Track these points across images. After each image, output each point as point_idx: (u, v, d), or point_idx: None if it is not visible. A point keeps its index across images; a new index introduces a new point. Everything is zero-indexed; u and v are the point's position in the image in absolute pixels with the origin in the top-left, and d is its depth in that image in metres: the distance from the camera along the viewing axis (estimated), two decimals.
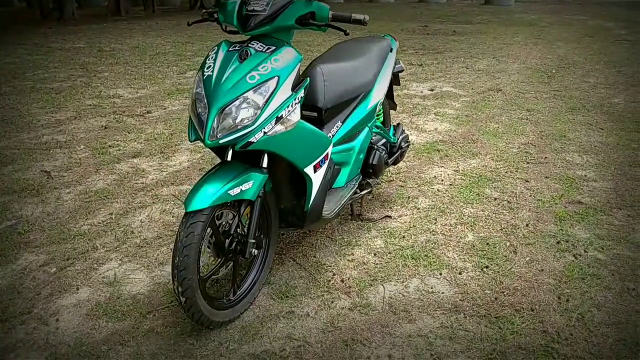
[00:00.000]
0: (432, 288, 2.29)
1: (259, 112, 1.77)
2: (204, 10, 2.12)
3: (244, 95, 1.75)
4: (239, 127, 1.76)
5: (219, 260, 2.00)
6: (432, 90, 5.76)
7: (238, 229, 1.98)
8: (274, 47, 1.86)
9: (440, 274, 2.39)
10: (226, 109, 1.75)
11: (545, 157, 3.77)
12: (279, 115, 1.82)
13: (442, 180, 3.39)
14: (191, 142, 1.90)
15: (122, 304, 2.18)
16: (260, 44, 1.87)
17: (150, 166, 3.62)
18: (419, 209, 3.01)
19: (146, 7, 15.67)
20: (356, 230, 2.77)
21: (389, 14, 14.22)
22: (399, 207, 3.03)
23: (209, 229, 1.86)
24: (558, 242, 2.64)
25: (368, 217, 2.90)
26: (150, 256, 2.53)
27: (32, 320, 2.08)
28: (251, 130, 1.76)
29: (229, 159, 1.90)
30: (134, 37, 9.21)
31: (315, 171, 2.06)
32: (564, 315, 2.10)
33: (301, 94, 1.91)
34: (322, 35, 9.32)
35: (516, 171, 3.53)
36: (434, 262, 2.48)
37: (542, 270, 2.41)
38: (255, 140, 1.78)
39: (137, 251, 2.57)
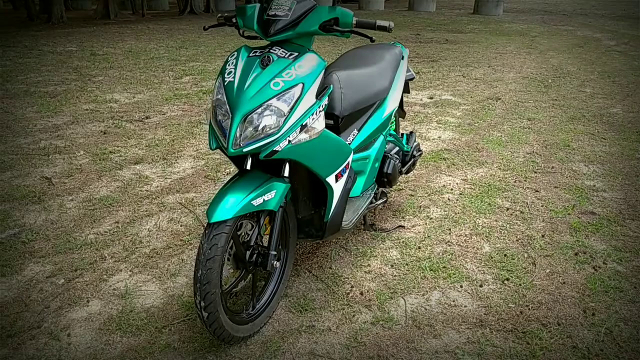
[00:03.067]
0: (454, 301, 2.24)
1: (283, 119, 1.71)
2: (220, 15, 2.05)
3: (268, 102, 1.69)
4: (263, 135, 1.69)
5: (240, 272, 1.93)
6: (431, 98, 5.75)
7: (258, 240, 1.92)
8: (296, 53, 1.80)
9: (461, 286, 2.35)
10: (250, 116, 1.69)
11: (552, 167, 3.76)
12: (304, 124, 1.76)
13: (452, 190, 3.36)
14: (212, 150, 1.83)
15: (135, 317, 2.09)
16: (282, 49, 1.81)
17: (154, 173, 3.52)
18: (431, 218, 2.96)
19: (135, 11, 15.51)
20: (370, 241, 2.72)
21: None
22: (411, 216, 2.99)
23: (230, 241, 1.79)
24: (576, 254, 2.61)
25: (381, 227, 2.85)
26: (161, 267, 2.44)
27: (42, 335, 1.98)
28: (276, 139, 1.70)
29: (248, 167, 1.83)
30: (126, 41, 9.08)
31: (336, 181, 2.01)
32: (592, 330, 2.06)
33: (325, 101, 1.86)
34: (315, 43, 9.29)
35: (525, 181, 3.52)
36: (453, 274, 2.43)
37: (564, 282, 2.37)
38: (280, 149, 1.72)
39: (147, 262, 2.48)
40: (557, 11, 19.36)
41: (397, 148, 2.75)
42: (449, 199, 3.23)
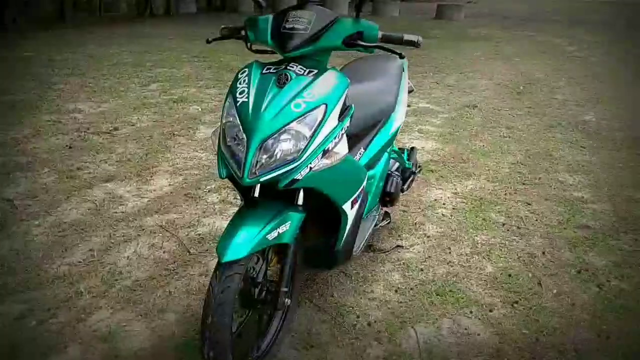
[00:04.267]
0: (466, 329, 2.12)
1: (305, 145, 1.54)
2: (224, 26, 1.86)
3: (289, 126, 1.52)
4: (282, 162, 1.52)
5: (247, 312, 1.75)
6: (409, 105, 5.66)
7: (267, 276, 1.75)
8: (315, 70, 1.64)
9: (471, 312, 2.23)
10: (268, 141, 1.51)
11: (539, 178, 3.72)
12: (326, 149, 1.60)
13: (444, 204, 3.26)
14: (222, 178, 1.64)
15: None
16: (300, 66, 1.64)
17: (128, 192, 3.27)
18: (429, 237, 2.85)
19: (91, 13, 14.87)
20: (369, 263, 2.58)
21: None
22: (407, 234, 2.86)
23: None
24: (579, 272, 2.55)
25: (379, 247, 2.71)
26: (145, 301, 2.22)
27: None
28: (296, 166, 1.53)
29: (256, 195, 1.64)
30: (86, 45, 8.63)
31: (352, 207, 1.86)
32: (608, 356, 1.99)
33: (347, 123, 1.71)
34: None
35: (515, 193, 3.46)
36: (461, 298, 2.32)
37: (574, 304, 2.30)
38: (301, 178, 1.55)
39: (129, 296, 2.25)
40: (514, 16, 19.86)
41: (397, 164, 2.62)
42: (443, 214, 3.12)
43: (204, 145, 4.16)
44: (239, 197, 3.18)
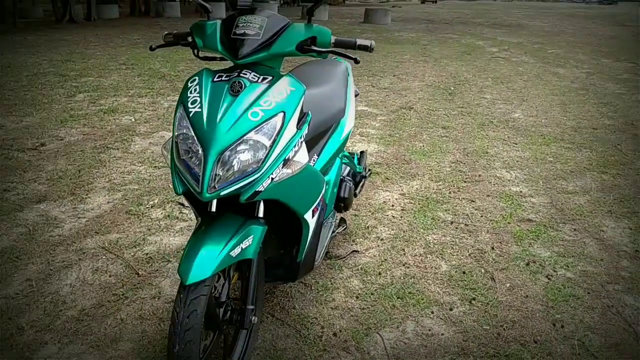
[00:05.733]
0: (430, 330, 2.15)
1: (265, 155, 1.48)
2: (168, 32, 1.76)
3: (247, 135, 1.46)
4: (242, 175, 1.45)
5: (213, 334, 1.66)
6: None
7: (229, 294, 1.67)
8: (270, 77, 1.58)
9: (432, 312, 2.26)
10: (225, 153, 1.44)
11: (479, 175, 3.86)
12: (286, 157, 1.55)
13: (393, 206, 3.30)
14: (178, 195, 1.54)
15: None
16: (253, 73, 1.58)
17: (63, 212, 3.04)
18: (382, 239, 2.87)
19: (5, 20, 13.88)
20: (327, 271, 2.55)
21: None
22: (361, 239, 2.87)
23: None
24: (527, 264, 2.66)
25: (335, 254, 2.69)
26: (96, 332, 2.06)
27: None
28: (257, 178, 1.47)
29: (213, 209, 1.56)
30: (1, 54, 8.02)
31: (312, 216, 1.82)
32: (566, 344, 2.08)
33: (305, 130, 1.66)
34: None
35: (458, 191, 3.56)
36: (421, 299, 2.34)
37: (527, 296, 2.39)
38: (263, 189, 1.49)
39: (77, 327, 2.08)
40: (438, 20, 20.70)
41: (348, 169, 2.62)
42: (393, 216, 3.16)
43: (142, 157, 3.96)
44: (185, 212, 3.07)
